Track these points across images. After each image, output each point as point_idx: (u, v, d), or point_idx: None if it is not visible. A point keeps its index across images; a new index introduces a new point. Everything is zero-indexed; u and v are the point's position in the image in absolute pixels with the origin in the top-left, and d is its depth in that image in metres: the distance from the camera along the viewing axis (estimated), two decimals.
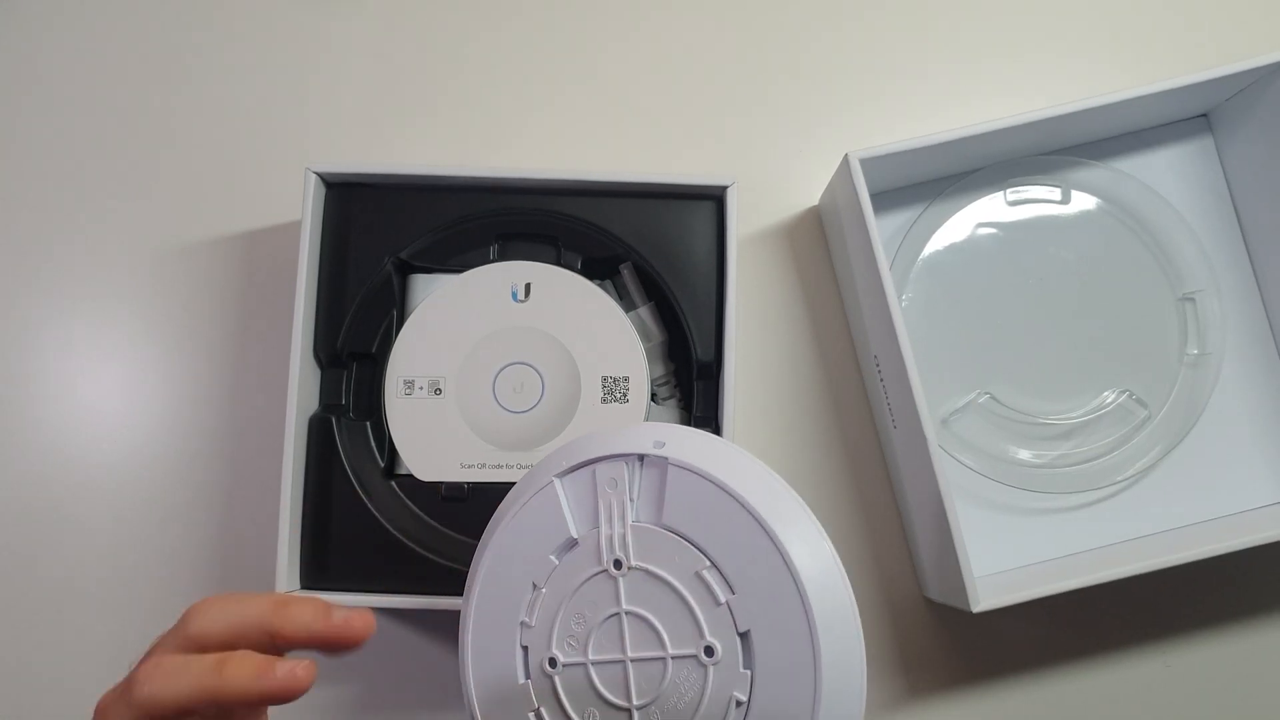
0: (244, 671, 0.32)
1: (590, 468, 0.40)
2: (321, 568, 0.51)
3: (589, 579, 0.39)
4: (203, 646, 0.34)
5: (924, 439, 0.49)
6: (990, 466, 0.56)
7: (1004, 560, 0.56)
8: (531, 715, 0.38)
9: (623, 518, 0.38)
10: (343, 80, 0.63)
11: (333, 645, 0.35)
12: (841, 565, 0.37)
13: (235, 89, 0.63)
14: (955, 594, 0.49)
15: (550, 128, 0.62)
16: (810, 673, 0.35)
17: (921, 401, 0.49)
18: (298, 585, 0.51)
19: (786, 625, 0.35)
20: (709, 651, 0.36)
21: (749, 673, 0.36)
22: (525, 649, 0.39)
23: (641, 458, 0.39)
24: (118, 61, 0.63)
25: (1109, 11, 0.64)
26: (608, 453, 0.40)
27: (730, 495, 0.37)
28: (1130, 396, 0.57)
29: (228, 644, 0.34)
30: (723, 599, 0.36)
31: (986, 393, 0.57)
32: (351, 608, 0.35)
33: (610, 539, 0.38)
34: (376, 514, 0.52)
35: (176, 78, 0.63)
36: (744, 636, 0.36)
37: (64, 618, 0.57)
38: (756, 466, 0.39)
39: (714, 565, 0.37)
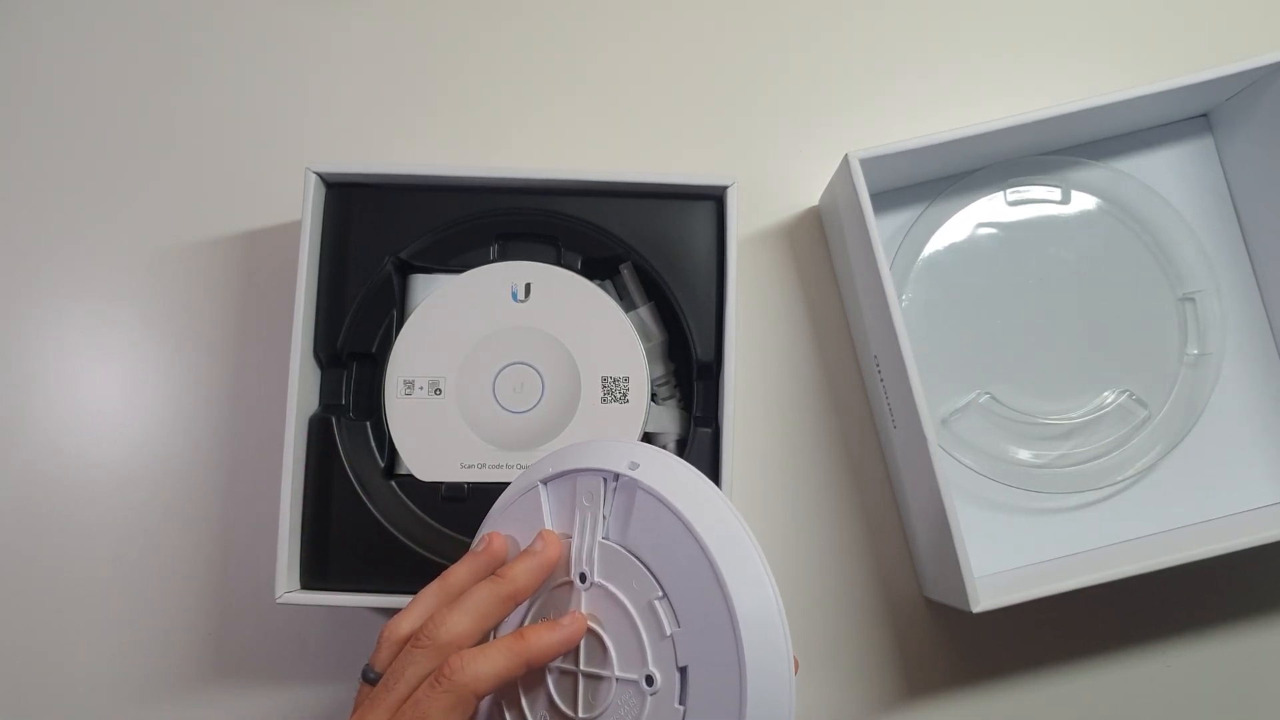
0: (544, 633, 0.37)
1: (572, 478, 0.41)
2: (321, 568, 0.51)
3: (557, 586, 0.40)
4: (460, 647, 0.37)
5: (924, 439, 0.49)
6: (990, 466, 0.56)
7: (1004, 560, 0.56)
8: (492, 705, 0.40)
9: (593, 532, 0.39)
10: (343, 80, 0.63)
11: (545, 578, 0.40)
12: (784, 612, 0.37)
13: (235, 89, 0.63)
14: (955, 594, 0.49)
15: (550, 128, 0.62)
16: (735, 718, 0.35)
17: (921, 401, 0.49)
18: (298, 585, 0.51)
19: (720, 668, 0.35)
20: (649, 680, 0.36)
21: (683, 709, 0.36)
22: None
23: (617, 476, 0.39)
24: (118, 62, 0.63)
25: (1109, 11, 0.64)
26: (588, 466, 0.40)
27: (688, 529, 0.37)
28: (1130, 396, 0.57)
29: (480, 634, 0.38)
30: (669, 631, 0.36)
31: (986, 393, 0.57)
32: (543, 532, 0.41)
33: (580, 551, 0.39)
34: (376, 514, 0.52)
35: (177, 78, 0.63)
36: (683, 672, 0.36)
37: (64, 617, 0.57)
38: (720, 503, 0.39)
39: (665, 596, 0.37)
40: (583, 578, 0.39)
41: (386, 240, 0.54)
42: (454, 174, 0.53)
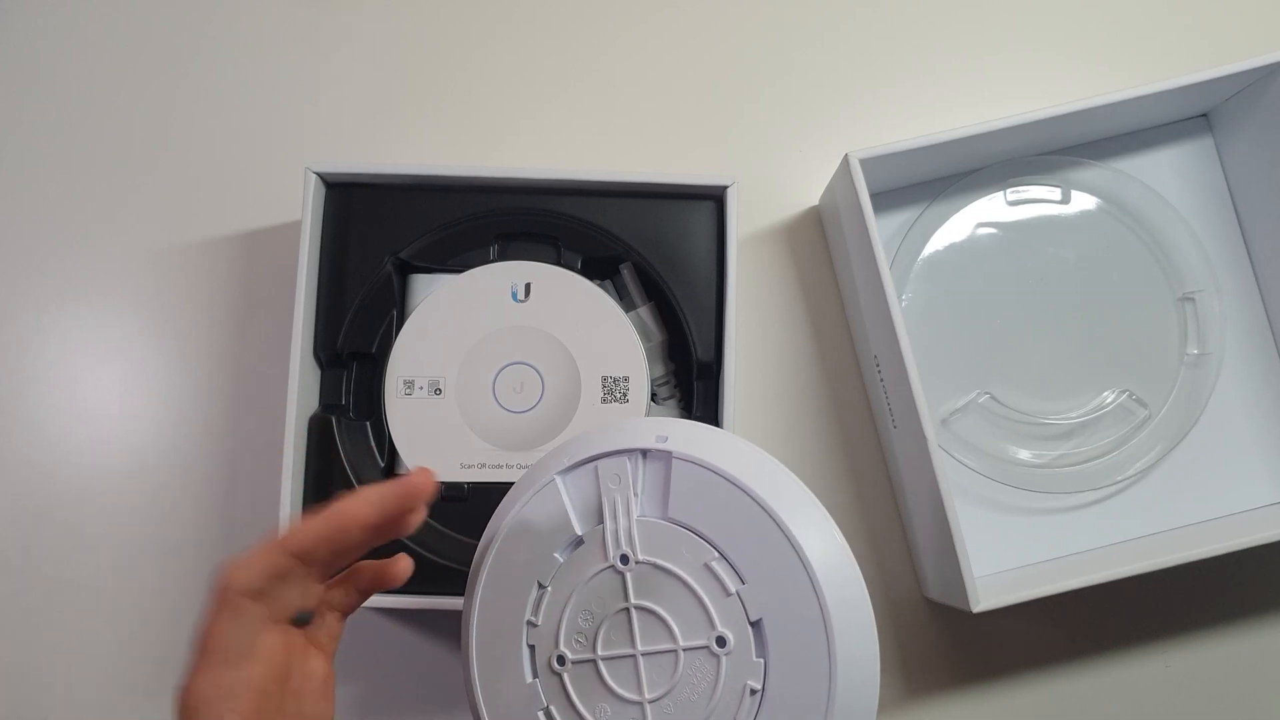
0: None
1: (593, 464, 0.40)
2: None
3: (595, 575, 0.39)
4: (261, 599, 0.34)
5: (924, 439, 0.49)
6: (990, 466, 0.56)
7: (1004, 560, 0.56)
8: (541, 714, 0.38)
9: (628, 513, 0.39)
10: (343, 80, 0.63)
11: (403, 506, 0.36)
12: (850, 552, 0.37)
13: (235, 89, 0.63)
14: (955, 594, 0.49)
15: (550, 128, 0.62)
16: (825, 659, 0.35)
17: (921, 401, 0.49)
18: None
19: (799, 612, 0.35)
20: (721, 642, 0.36)
21: (762, 661, 0.36)
22: (532, 648, 0.39)
23: (644, 452, 0.39)
24: (117, 61, 0.63)
25: (1109, 11, 0.64)
26: (610, 449, 0.40)
27: (736, 486, 0.37)
28: (1130, 396, 0.57)
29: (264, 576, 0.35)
30: (733, 589, 0.36)
31: (986, 393, 0.57)
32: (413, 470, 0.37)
33: (616, 534, 0.38)
34: None
35: (176, 78, 0.63)
36: (756, 625, 0.36)
37: (64, 617, 0.57)
38: (761, 456, 0.39)
39: (722, 556, 0.37)
40: (624, 559, 0.38)
41: (386, 240, 0.54)
42: (454, 174, 0.53)
